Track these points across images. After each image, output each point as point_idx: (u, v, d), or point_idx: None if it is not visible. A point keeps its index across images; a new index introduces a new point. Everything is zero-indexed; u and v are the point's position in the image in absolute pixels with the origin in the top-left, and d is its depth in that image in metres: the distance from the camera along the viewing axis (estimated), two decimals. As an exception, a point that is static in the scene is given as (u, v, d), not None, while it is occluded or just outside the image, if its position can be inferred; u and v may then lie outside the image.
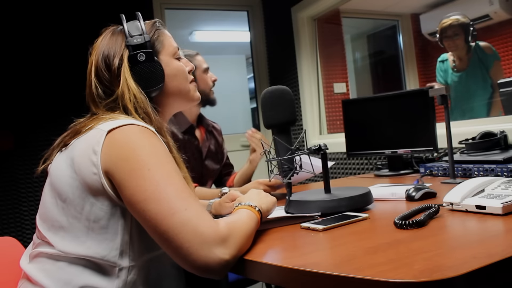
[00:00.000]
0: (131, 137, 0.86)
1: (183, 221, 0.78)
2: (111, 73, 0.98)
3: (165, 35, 1.08)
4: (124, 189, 0.83)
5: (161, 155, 0.87)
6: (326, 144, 1.15)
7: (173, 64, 1.05)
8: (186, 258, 0.78)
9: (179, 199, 0.81)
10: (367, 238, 0.86)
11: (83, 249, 0.86)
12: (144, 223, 0.83)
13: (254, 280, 1.81)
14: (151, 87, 1.00)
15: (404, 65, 3.93)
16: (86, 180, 0.86)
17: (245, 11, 3.73)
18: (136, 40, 0.98)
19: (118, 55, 0.98)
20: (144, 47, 0.99)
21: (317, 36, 3.27)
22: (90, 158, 0.85)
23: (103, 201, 0.86)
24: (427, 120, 1.82)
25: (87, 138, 0.89)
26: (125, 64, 0.98)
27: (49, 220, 0.91)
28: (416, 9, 3.84)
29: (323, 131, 3.25)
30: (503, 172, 1.44)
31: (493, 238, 0.78)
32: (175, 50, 1.07)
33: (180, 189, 0.83)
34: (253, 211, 0.94)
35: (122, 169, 0.83)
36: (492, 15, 3.09)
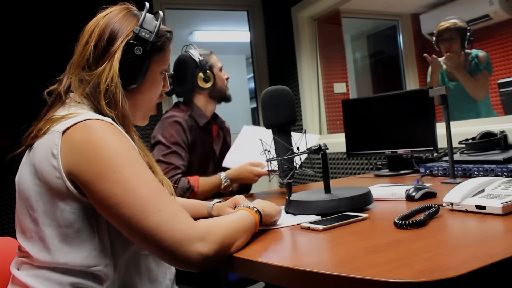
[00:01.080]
0: (91, 135, 0.82)
1: (158, 222, 0.77)
2: (107, 49, 0.94)
3: (169, 48, 1.06)
4: (91, 194, 0.81)
5: (125, 151, 0.83)
6: (326, 144, 1.15)
7: (156, 76, 1.03)
8: (166, 255, 0.78)
9: (151, 200, 0.79)
10: (367, 238, 0.86)
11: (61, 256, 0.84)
12: (118, 227, 0.81)
13: (254, 280, 1.81)
14: (128, 81, 0.96)
15: (404, 65, 3.93)
16: (51, 185, 0.83)
17: (245, 11, 3.74)
18: (144, 34, 0.96)
19: (121, 36, 0.95)
20: (145, 44, 0.96)
21: (317, 36, 3.27)
22: (51, 163, 0.83)
23: (72, 204, 0.83)
24: (427, 120, 1.82)
25: (44, 142, 0.85)
26: (120, 47, 0.94)
27: (25, 231, 0.88)
28: (416, 9, 3.84)
29: (323, 131, 3.25)
30: (503, 172, 1.44)
31: (493, 238, 0.78)
32: (166, 67, 1.06)
33: (151, 187, 0.81)
34: (250, 212, 0.94)
35: (86, 172, 0.80)
36: (492, 15, 3.09)
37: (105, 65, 0.93)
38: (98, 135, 0.82)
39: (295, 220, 1.07)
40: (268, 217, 1.00)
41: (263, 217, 0.97)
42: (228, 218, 0.89)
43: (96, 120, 0.85)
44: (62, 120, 0.86)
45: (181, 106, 1.95)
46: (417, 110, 1.87)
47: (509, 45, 3.12)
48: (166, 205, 0.80)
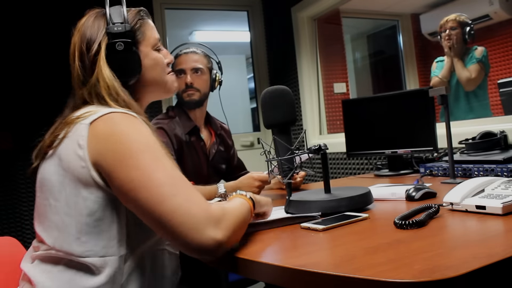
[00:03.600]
0: (114, 126, 0.86)
1: (174, 206, 0.79)
2: (89, 59, 0.97)
3: (148, 25, 1.06)
4: (113, 180, 0.83)
5: (145, 139, 0.86)
6: (326, 144, 1.15)
7: (151, 55, 1.05)
8: (181, 240, 0.78)
9: (168, 185, 0.81)
10: (367, 238, 0.86)
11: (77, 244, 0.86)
12: (136, 212, 0.83)
13: (254, 280, 1.81)
14: (126, 77, 0.99)
15: (404, 65, 3.93)
16: (75, 175, 0.86)
17: (245, 11, 3.73)
18: (117, 28, 0.97)
19: (97, 41, 0.97)
20: (124, 36, 0.97)
21: (317, 36, 3.27)
22: (77, 153, 0.85)
23: (96, 193, 0.86)
24: (427, 120, 1.82)
25: (70, 135, 0.88)
26: (102, 51, 0.96)
27: (45, 222, 0.91)
28: (416, 9, 3.84)
29: (323, 131, 3.25)
30: (503, 172, 1.44)
31: (493, 238, 0.78)
32: (155, 42, 1.06)
33: (168, 173, 0.83)
34: (244, 198, 0.96)
35: (109, 160, 0.83)
36: (492, 15, 3.09)
37: (96, 75, 0.96)
38: (121, 126, 0.86)
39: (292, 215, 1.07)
40: (259, 206, 1.01)
41: (255, 205, 0.98)
42: (234, 205, 0.90)
43: (120, 113, 0.89)
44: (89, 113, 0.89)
45: (170, 113, 1.91)
46: (417, 110, 1.87)
47: (509, 45, 3.12)
48: (182, 190, 0.81)
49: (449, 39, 2.59)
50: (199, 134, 1.92)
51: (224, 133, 2.06)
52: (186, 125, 1.87)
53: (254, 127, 4.21)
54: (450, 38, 2.58)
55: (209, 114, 2.01)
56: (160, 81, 1.08)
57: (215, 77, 1.92)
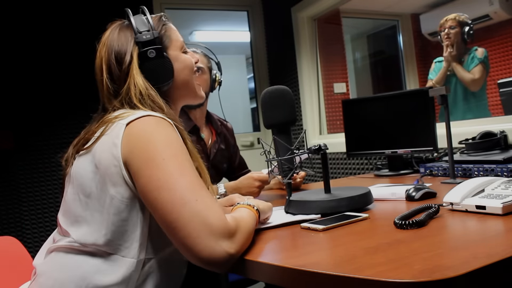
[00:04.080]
0: (148, 128, 0.88)
1: (193, 211, 0.80)
2: (122, 70, 0.99)
3: (172, 29, 1.09)
4: (139, 178, 0.85)
5: (175, 146, 0.88)
6: (326, 144, 1.15)
7: (181, 58, 1.07)
8: (192, 248, 0.78)
9: (190, 190, 0.82)
10: (367, 238, 0.86)
11: (103, 240, 0.87)
12: (154, 212, 0.84)
13: (254, 280, 1.81)
14: (161, 83, 1.01)
15: (404, 65, 3.93)
16: (107, 173, 0.87)
17: (245, 11, 3.73)
18: (145, 37, 1.00)
19: (128, 52, 0.99)
20: (153, 43, 1.00)
21: (317, 36, 3.27)
22: (111, 152, 0.87)
23: (123, 193, 0.87)
24: (427, 120, 1.82)
25: (108, 133, 0.91)
26: (134, 61, 0.99)
27: (72, 216, 0.92)
28: (416, 9, 3.84)
29: (323, 131, 3.25)
30: (503, 172, 1.44)
31: (493, 238, 0.78)
32: (182, 44, 1.09)
33: (192, 180, 0.85)
34: (252, 210, 0.96)
35: (138, 158, 0.85)
36: (492, 15, 3.09)
37: (128, 84, 0.98)
38: (154, 128, 0.89)
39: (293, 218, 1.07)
40: (263, 214, 1.02)
41: (260, 215, 0.99)
42: (245, 218, 0.91)
43: (156, 116, 0.91)
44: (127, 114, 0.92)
45: None
46: (417, 110, 1.87)
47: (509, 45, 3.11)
48: (203, 198, 0.82)
49: (448, 38, 2.59)
50: (199, 134, 1.91)
51: (226, 131, 2.05)
52: (186, 124, 1.87)
53: (254, 127, 4.21)
54: (449, 37, 2.59)
55: (209, 113, 2.00)
56: (190, 83, 1.10)
57: (215, 77, 1.92)
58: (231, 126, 2.11)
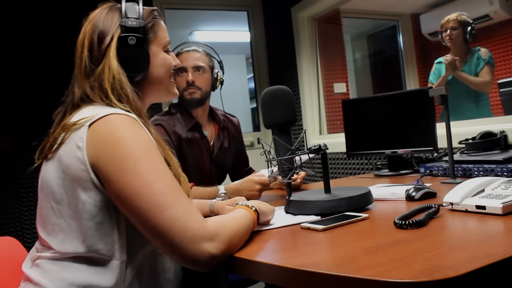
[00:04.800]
0: (114, 129, 0.85)
1: (172, 218, 0.79)
2: (100, 51, 0.96)
3: (160, 26, 1.06)
4: (110, 184, 0.83)
5: (145, 146, 0.86)
6: (326, 144, 1.15)
7: (161, 55, 1.04)
8: (176, 252, 0.79)
9: (167, 195, 0.81)
10: (367, 238, 0.86)
11: (83, 247, 0.86)
12: (132, 219, 0.83)
13: (254, 280, 1.81)
14: (133, 72, 0.98)
15: (404, 65, 3.93)
16: (75, 178, 0.85)
17: (245, 11, 3.73)
18: (131, 23, 0.97)
19: (110, 34, 0.97)
20: (137, 32, 0.97)
21: (317, 36, 3.27)
22: (76, 155, 0.85)
23: (95, 196, 0.85)
24: (427, 120, 1.82)
25: (69, 139, 0.87)
26: (113, 43, 0.96)
27: (48, 224, 0.90)
28: (416, 9, 3.84)
29: (323, 131, 3.25)
30: (503, 172, 1.44)
31: (493, 238, 0.78)
32: (166, 43, 1.07)
33: (168, 183, 0.83)
34: (249, 210, 0.96)
35: (107, 163, 0.82)
36: (492, 15, 3.09)
37: (103, 66, 0.94)
38: (120, 128, 0.85)
39: (294, 219, 1.07)
40: (264, 216, 1.02)
41: (260, 216, 0.99)
42: (234, 217, 0.91)
43: (120, 114, 0.87)
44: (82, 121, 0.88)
45: (171, 110, 1.90)
46: (417, 110, 1.87)
47: (509, 45, 3.11)
48: (180, 202, 0.82)
49: (451, 39, 2.59)
50: (201, 131, 1.90)
51: (231, 126, 2.03)
52: (187, 121, 1.86)
53: (254, 127, 4.21)
54: (451, 38, 2.59)
55: (212, 109, 1.99)
56: (164, 82, 1.07)
57: (217, 76, 1.92)
58: (237, 121, 2.08)
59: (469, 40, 2.60)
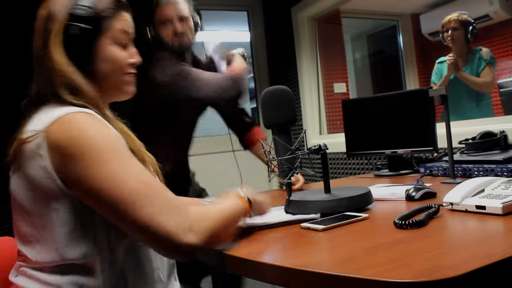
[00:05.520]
0: (73, 131, 0.80)
1: (150, 215, 0.78)
2: (49, 38, 0.89)
3: (120, 17, 0.96)
4: (81, 188, 0.80)
5: (110, 142, 0.82)
6: (326, 144, 1.15)
7: (109, 50, 0.94)
8: (156, 245, 0.80)
9: (141, 191, 0.79)
10: (367, 238, 0.86)
11: (60, 255, 0.84)
12: (109, 219, 0.82)
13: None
14: (80, 64, 0.90)
15: (404, 65, 3.93)
16: (42, 188, 0.82)
17: (245, 11, 3.73)
18: (80, 11, 0.89)
19: (58, 20, 0.89)
20: (83, 21, 0.89)
21: (317, 36, 3.27)
22: (39, 164, 0.82)
23: (65, 203, 0.83)
24: (427, 120, 1.82)
25: (28, 146, 0.84)
26: (58, 30, 0.88)
27: (24, 237, 0.88)
28: (416, 9, 3.84)
29: (323, 131, 3.25)
30: (503, 172, 1.44)
31: (493, 238, 0.78)
32: (121, 36, 0.96)
33: (140, 179, 0.81)
34: (240, 200, 0.95)
35: (75, 168, 0.79)
36: (492, 15, 3.09)
37: (49, 56, 0.88)
38: (80, 129, 0.81)
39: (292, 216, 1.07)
40: (257, 206, 1.01)
41: (254, 206, 0.99)
42: (218, 207, 0.90)
43: (76, 113, 0.83)
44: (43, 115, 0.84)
45: None
46: (417, 110, 1.87)
47: (509, 45, 3.12)
48: (156, 196, 0.80)
49: (452, 40, 2.59)
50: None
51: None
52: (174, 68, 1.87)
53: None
54: (453, 39, 2.58)
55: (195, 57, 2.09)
56: (111, 79, 0.96)
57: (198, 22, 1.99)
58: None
59: (471, 40, 2.60)
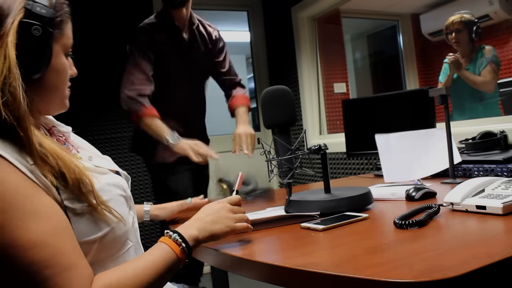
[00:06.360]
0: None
1: None
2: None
3: (69, 24, 0.88)
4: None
5: (12, 200, 0.69)
6: (326, 144, 1.15)
7: (61, 58, 0.86)
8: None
9: (41, 264, 0.68)
10: (367, 238, 0.86)
11: None
12: None
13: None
14: (29, 70, 0.78)
15: (404, 65, 3.93)
16: None
17: (245, 11, 3.73)
18: (39, 9, 0.78)
19: (12, 16, 0.77)
20: (43, 22, 0.79)
21: (317, 36, 3.27)
22: None
23: None
24: (427, 120, 1.82)
25: None
26: (14, 28, 0.76)
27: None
28: (416, 9, 3.84)
29: (323, 131, 3.25)
30: (503, 172, 1.44)
31: (493, 238, 0.78)
32: (69, 46, 0.88)
33: (43, 249, 0.68)
34: (173, 250, 0.79)
35: None
36: (492, 15, 3.09)
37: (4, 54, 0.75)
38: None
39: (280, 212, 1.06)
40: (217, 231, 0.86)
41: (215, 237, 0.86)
42: (136, 273, 0.75)
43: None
44: None
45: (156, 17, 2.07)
46: (417, 110, 1.87)
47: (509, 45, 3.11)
48: (59, 271, 0.68)
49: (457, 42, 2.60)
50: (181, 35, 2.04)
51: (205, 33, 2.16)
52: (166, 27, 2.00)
53: (254, 127, 4.19)
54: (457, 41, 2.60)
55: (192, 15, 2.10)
56: (59, 91, 0.87)
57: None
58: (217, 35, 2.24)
59: (475, 39, 2.61)
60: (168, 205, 1.34)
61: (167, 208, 1.33)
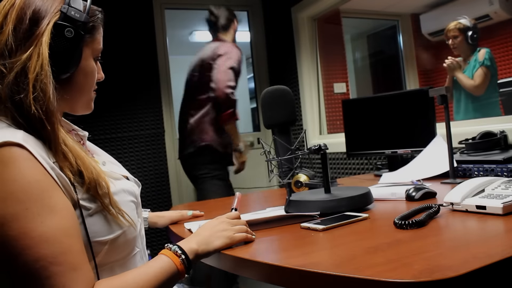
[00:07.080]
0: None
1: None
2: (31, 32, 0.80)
3: (100, 31, 0.93)
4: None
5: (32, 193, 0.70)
6: (326, 144, 1.15)
7: (90, 62, 0.90)
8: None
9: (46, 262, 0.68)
10: (367, 238, 0.86)
11: None
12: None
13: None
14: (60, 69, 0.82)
15: (404, 65, 3.93)
16: None
17: (245, 11, 3.73)
18: (74, 13, 0.83)
19: (48, 18, 0.81)
20: (76, 25, 0.83)
21: (317, 36, 3.27)
22: None
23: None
24: (427, 120, 1.82)
25: None
26: (49, 29, 0.80)
27: None
28: (416, 9, 3.84)
29: (323, 131, 3.25)
30: (503, 172, 1.44)
31: (493, 238, 0.78)
32: (99, 51, 0.93)
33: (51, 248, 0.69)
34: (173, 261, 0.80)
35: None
36: (492, 15, 3.09)
37: (32, 51, 0.79)
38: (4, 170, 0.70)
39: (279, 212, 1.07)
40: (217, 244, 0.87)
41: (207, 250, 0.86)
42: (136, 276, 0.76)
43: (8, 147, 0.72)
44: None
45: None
46: (417, 110, 1.87)
47: (509, 45, 3.12)
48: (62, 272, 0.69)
49: (455, 48, 2.69)
50: None
51: None
52: None
53: (254, 127, 4.21)
54: (454, 47, 2.69)
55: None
56: (85, 93, 0.92)
57: None
58: None
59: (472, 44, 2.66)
60: (167, 213, 1.33)
61: (166, 217, 1.32)
